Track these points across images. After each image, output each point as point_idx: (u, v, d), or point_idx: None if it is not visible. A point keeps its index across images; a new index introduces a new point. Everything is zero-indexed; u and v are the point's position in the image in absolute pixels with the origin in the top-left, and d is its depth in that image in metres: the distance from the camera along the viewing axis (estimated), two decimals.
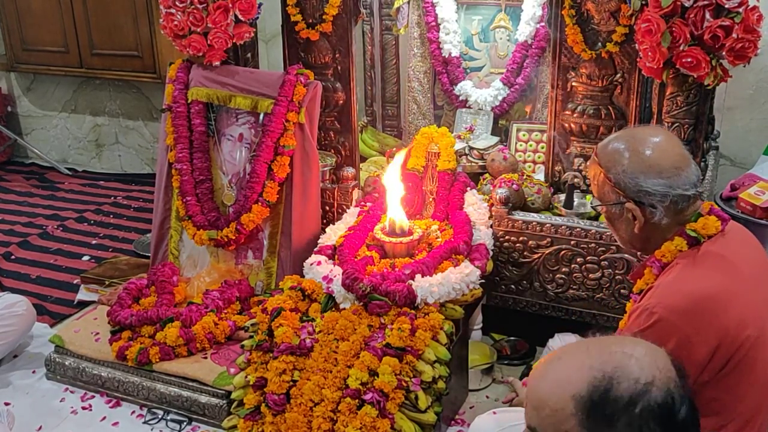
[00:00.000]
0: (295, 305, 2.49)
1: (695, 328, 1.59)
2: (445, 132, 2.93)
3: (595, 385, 1.13)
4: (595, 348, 1.20)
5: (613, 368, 1.14)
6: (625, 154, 1.78)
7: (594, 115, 2.68)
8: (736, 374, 1.61)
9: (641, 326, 1.65)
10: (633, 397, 1.11)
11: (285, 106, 2.82)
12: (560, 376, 1.18)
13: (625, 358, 1.16)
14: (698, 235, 1.74)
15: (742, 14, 2.18)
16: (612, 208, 1.83)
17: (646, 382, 1.12)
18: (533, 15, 3.30)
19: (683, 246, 1.75)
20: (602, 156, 1.83)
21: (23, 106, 5.45)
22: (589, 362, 1.17)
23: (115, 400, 2.68)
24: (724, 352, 1.60)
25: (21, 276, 3.67)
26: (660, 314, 1.62)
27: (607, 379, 1.13)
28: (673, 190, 1.73)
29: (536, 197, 2.78)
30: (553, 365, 1.22)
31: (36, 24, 4.80)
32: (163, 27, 2.93)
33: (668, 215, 1.75)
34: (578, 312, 2.69)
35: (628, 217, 1.80)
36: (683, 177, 1.73)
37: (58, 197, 4.81)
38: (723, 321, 1.60)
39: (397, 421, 2.16)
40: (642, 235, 1.81)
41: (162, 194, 3.10)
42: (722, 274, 1.69)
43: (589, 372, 1.14)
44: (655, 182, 1.73)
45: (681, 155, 1.77)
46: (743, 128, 3.62)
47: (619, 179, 1.77)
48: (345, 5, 2.90)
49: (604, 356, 1.17)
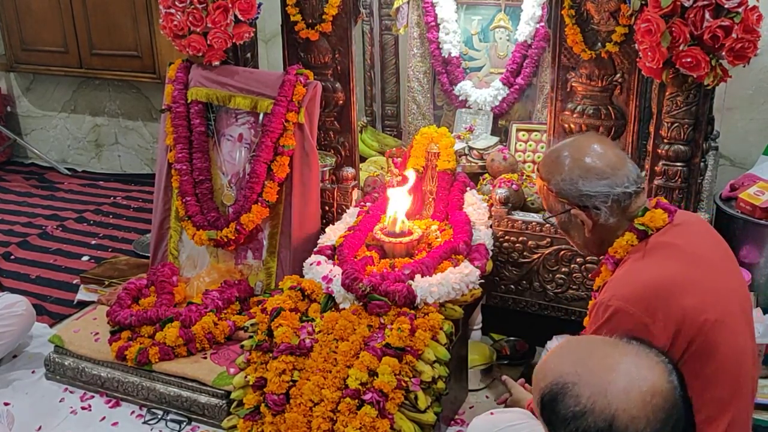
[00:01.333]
0: (295, 305, 2.49)
1: (651, 316, 1.63)
2: (444, 132, 2.93)
3: (550, 390, 1.23)
4: (582, 356, 1.27)
5: (567, 382, 1.22)
6: (565, 162, 1.86)
7: (594, 115, 2.68)
8: (700, 358, 1.63)
9: (599, 321, 1.69)
10: (567, 417, 1.20)
11: (284, 106, 2.82)
12: (548, 363, 1.30)
13: (581, 379, 1.22)
14: (647, 227, 1.80)
15: (741, 14, 2.18)
16: (561, 217, 1.91)
17: (581, 410, 1.19)
18: (533, 15, 3.30)
19: (633, 240, 1.81)
20: (542, 169, 1.93)
21: (23, 107, 5.45)
22: (562, 366, 1.26)
23: (114, 400, 2.68)
24: (683, 338, 1.62)
25: (20, 276, 3.67)
26: (615, 306, 1.66)
27: (558, 389, 1.22)
28: (613, 189, 1.80)
29: (536, 197, 2.78)
30: (556, 349, 1.33)
31: (35, 24, 4.80)
32: (163, 27, 2.93)
33: (614, 214, 1.83)
34: (578, 312, 2.69)
35: (578, 223, 1.88)
36: (621, 175, 1.81)
37: (58, 197, 4.81)
38: (679, 306, 1.63)
39: (396, 421, 2.16)
40: (594, 237, 1.88)
41: (161, 194, 3.10)
42: (674, 261, 1.74)
43: (556, 375, 1.25)
44: (594, 185, 1.81)
45: (616, 155, 1.85)
46: (743, 128, 3.62)
47: (560, 188, 1.86)
48: (345, 5, 2.90)
49: (574, 367, 1.24)
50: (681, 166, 2.44)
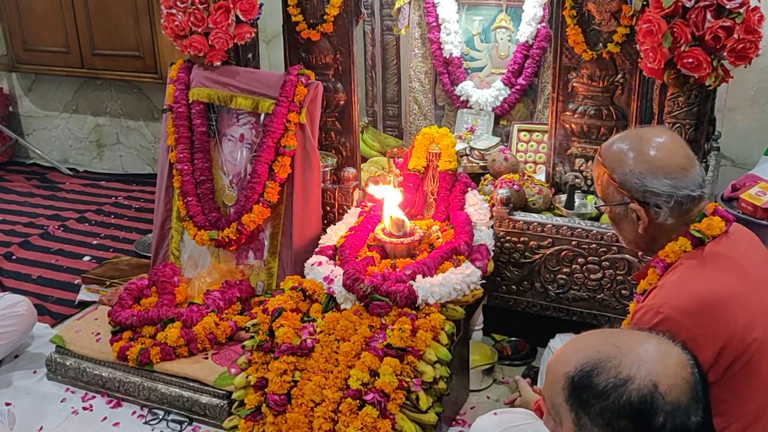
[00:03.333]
0: (296, 306, 2.49)
1: (701, 329, 1.59)
2: (446, 132, 2.93)
3: (581, 369, 1.22)
4: (607, 337, 1.28)
5: (602, 358, 1.22)
6: (630, 155, 1.77)
7: (595, 116, 2.68)
8: (742, 377, 1.61)
9: (646, 325, 1.64)
10: (607, 389, 1.19)
11: (286, 107, 2.82)
12: (566, 353, 1.29)
13: (620, 351, 1.23)
14: (703, 235, 1.73)
15: (743, 15, 2.18)
16: (616, 209, 1.82)
17: (624, 378, 1.19)
18: (534, 15, 3.30)
19: (687, 246, 1.75)
20: (607, 156, 1.82)
21: (24, 107, 5.45)
22: (588, 347, 1.26)
23: (115, 401, 2.68)
24: (729, 354, 1.59)
25: (22, 276, 3.67)
26: (666, 313, 1.61)
27: (591, 365, 1.22)
28: (678, 190, 1.72)
29: (537, 198, 2.78)
30: (569, 342, 1.32)
31: (37, 24, 4.80)
32: (164, 27, 2.93)
33: (673, 216, 1.75)
34: (579, 312, 2.69)
35: (633, 218, 1.79)
36: (689, 178, 1.73)
37: (59, 197, 4.81)
38: (730, 322, 1.59)
39: (398, 421, 2.16)
40: (646, 235, 1.80)
41: (163, 194, 3.10)
42: (729, 275, 1.68)
43: (583, 356, 1.24)
44: (661, 183, 1.72)
45: (686, 156, 1.76)
46: (744, 129, 3.62)
47: (625, 180, 1.77)
48: (346, 5, 2.90)
49: (605, 345, 1.25)
50: None
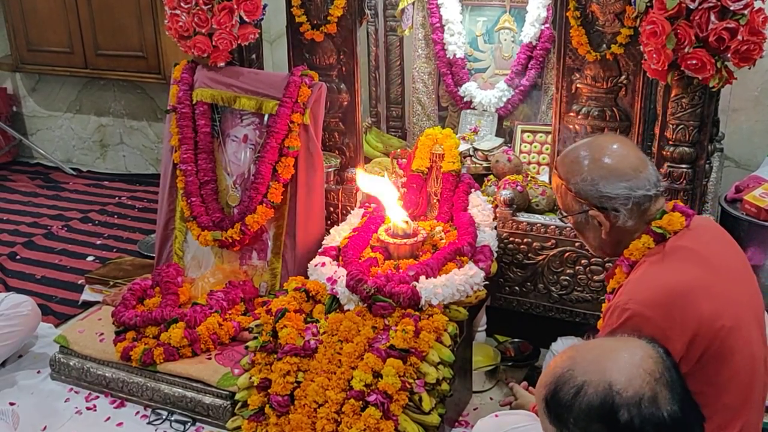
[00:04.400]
0: (300, 306, 2.49)
1: (668, 321, 1.62)
2: (449, 133, 2.93)
3: (549, 389, 1.29)
4: (568, 351, 1.35)
5: (561, 373, 1.29)
6: (584, 163, 1.83)
7: (598, 117, 2.68)
8: (715, 365, 1.63)
9: (614, 324, 1.68)
10: (569, 400, 1.26)
11: (289, 108, 2.83)
12: (541, 377, 1.36)
13: (574, 361, 1.30)
14: (664, 231, 1.78)
15: (747, 16, 2.18)
16: (578, 217, 1.88)
17: (579, 386, 1.25)
18: (538, 16, 3.30)
19: (650, 243, 1.80)
20: (562, 167, 1.89)
21: (28, 107, 5.46)
22: (552, 367, 1.33)
23: (119, 401, 2.68)
24: (700, 343, 1.61)
25: (26, 276, 3.68)
26: (632, 309, 1.65)
27: (554, 383, 1.29)
28: (634, 191, 1.78)
29: (541, 199, 2.78)
30: (547, 366, 1.38)
31: (41, 24, 4.81)
32: (168, 28, 2.93)
33: (632, 217, 1.80)
34: (582, 314, 2.69)
35: (595, 224, 1.85)
36: (643, 178, 1.79)
37: (63, 197, 4.82)
38: (696, 311, 1.62)
39: (401, 422, 2.16)
40: (610, 239, 1.86)
41: (166, 195, 3.10)
42: (691, 266, 1.73)
43: (549, 376, 1.31)
44: (615, 186, 1.78)
45: (638, 158, 1.82)
46: (748, 130, 3.62)
47: (580, 188, 1.83)
48: (350, 6, 2.90)
49: (563, 360, 1.32)
50: (686, 168, 2.44)
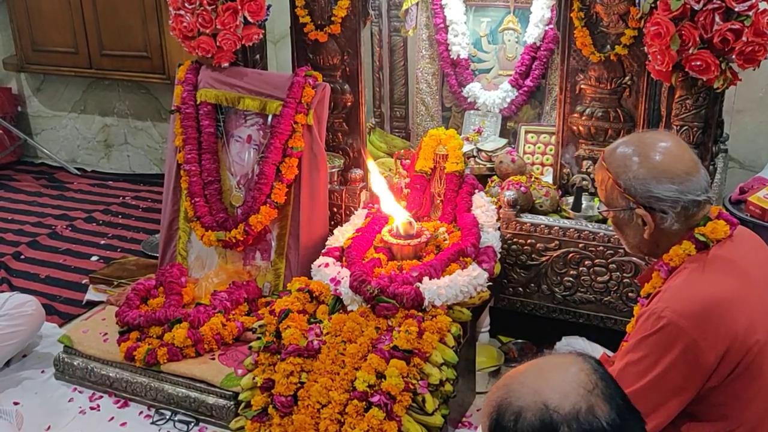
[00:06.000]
0: (303, 307, 2.49)
1: (703, 333, 1.59)
2: (453, 134, 2.93)
3: (491, 420, 1.23)
4: (503, 380, 1.27)
5: (499, 402, 1.22)
6: (635, 159, 1.76)
7: (602, 118, 2.68)
8: (745, 379, 1.61)
9: (648, 330, 1.64)
10: (511, 427, 1.19)
11: (293, 108, 2.83)
12: (486, 399, 1.28)
13: (509, 388, 1.23)
14: (707, 239, 1.73)
15: (752, 17, 2.17)
16: (621, 214, 1.81)
17: (517, 411, 1.19)
18: (542, 17, 3.29)
19: (692, 250, 1.74)
20: (611, 161, 1.81)
21: (33, 107, 5.48)
22: (490, 398, 1.25)
23: (123, 401, 2.69)
24: (732, 357, 1.59)
25: (30, 276, 3.69)
26: (668, 318, 1.61)
27: (495, 413, 1.22)
28: (684, 195, 1.71)
29: (544, 200, 2.78)
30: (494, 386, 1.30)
31: (46, 25, 4.83)
32: (173, 28, 2.94)
33: (679, 221, 1.74)
34: (586, 315, 2.69)
35: (638, 223, 1.78)
36: (694, 182, 1.72)
37: (67, 197, 4.83)
38: (732, 326, 1.59)
39: (404, 423, 2.16)
40: (651, 240, 1.79)
41: (170, 195, 3.11)
42: (731, 278, 1.68)
43: (489, 407, 1.24)
44: (666, 188, 1.71)
45: (691, 160, 1.75)
46: (752, 131, 3.61)
47: (629, 185, 1.75)
48: (353, 7, 2.90)
49: (499, 390, 1.25)
50: None
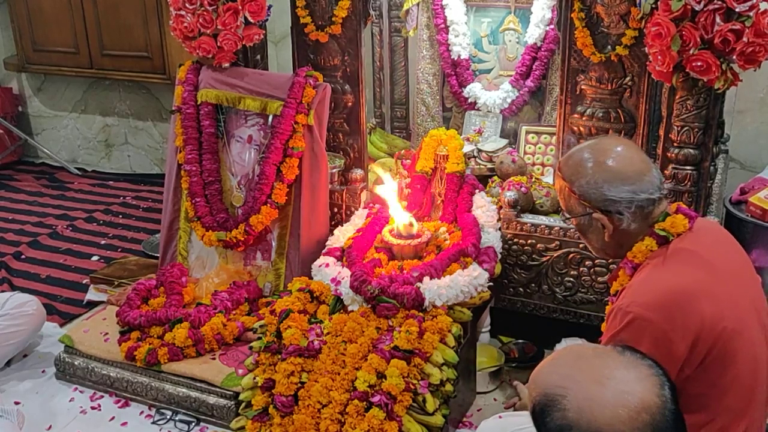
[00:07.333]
0: (304, 307, 2.49)
1: (671, 323, 1.61)
2: (453, 134, 2.93)
3: (538, 402, 1.23)
4: (572, 365, 1.27)
5: (556, 394, 1.21)
6: (588, 166, 1.82)
7: (603, 118, 2.68)
8: (717, 367, 1.63)
9: (617, 327, 1.68)
10: (556, 429, 1.19)
11: (294, 108, 2.83)
12: (541, 371, 1.29)
13: (571, 390, 1.21)
14: (667, 233, 1.78)
15: (752, 18, 2.17)
16: (581, 220, 1.87)
17: (570, 420, 1.18)
18: (543, 17, 3.29)
19: (653, 245, 1.79)
20: (565, 169, 1.88)
21: (34, 107, 5.48)
22: (550, 378, 1.25)
23: (123, 401, 2.69)
24: (702, 345, 1.61)
25: (31, 276, 3.69)
26: (634, 312, 1.65)
27: (545, 402, 1.22)
28: (638, 195, 1.77)
29: (545, 200, 2.78)
30: (549, 358, 1.31)
31: (46, 25, 4.83)
32: (173, 29, 2.94)
33: (636, 220, 1.80)
34: (586, 315, 2.69)
35: (598, 227, 1.84)
36: (647, 181, 1.78)
37: (68, 197, 4.83)
38: (698, 314, 1.62)
39: (404, 423, 2.17)
40: (613, 242, 1.85)
41: (171, 195, 3.11)
42: (694, 268, 1.72)
43: (543, 387, 1.24)
44: (619, 190, 1.77)
45: (643, 161, 1.82)
46: (753, 132, 3.61)
47: (584, 191, 1.82)
48: (354, 7, 2.90)
49: (563, 379, 1.24)
50: (691, 170, 2.43)
